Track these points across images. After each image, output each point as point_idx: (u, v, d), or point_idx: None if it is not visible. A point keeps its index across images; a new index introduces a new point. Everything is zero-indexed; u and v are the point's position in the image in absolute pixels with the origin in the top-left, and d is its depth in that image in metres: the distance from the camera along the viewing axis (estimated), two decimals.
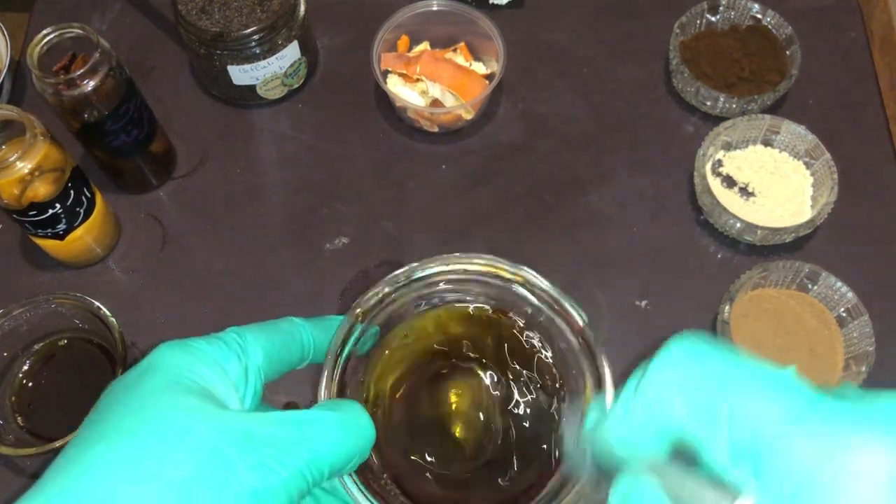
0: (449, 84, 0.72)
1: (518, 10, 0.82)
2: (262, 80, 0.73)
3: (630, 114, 0.76)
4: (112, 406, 0.31)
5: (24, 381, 0.61)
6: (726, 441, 0.23)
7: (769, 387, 0.24)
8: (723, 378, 0.24)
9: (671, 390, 0.25)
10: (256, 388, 0.35)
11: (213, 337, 0.35)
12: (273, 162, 0.75)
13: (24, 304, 0.60)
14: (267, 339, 0.36)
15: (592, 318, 0.68)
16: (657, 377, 0.26)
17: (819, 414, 0.22)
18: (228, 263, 0.70)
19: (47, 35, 0.59)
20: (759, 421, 0.23)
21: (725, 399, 0.24)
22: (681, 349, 0.26)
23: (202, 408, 0.30)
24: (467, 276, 0.42)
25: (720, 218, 0.67)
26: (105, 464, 0.28)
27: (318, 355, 0.39)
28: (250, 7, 0.69)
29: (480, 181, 0.73)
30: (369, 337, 0.41)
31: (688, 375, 0.25)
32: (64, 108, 0.61)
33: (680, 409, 0.25)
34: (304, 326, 0.39)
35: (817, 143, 0.69)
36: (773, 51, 0.74)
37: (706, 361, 0.25)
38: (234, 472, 0.29)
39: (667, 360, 0.26)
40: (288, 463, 0.30)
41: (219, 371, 0.33)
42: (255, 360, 0.35)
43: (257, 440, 0.30)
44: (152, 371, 0.32)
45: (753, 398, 0.23)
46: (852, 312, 0.62)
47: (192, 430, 0.29)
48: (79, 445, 0.29)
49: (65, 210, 0.62)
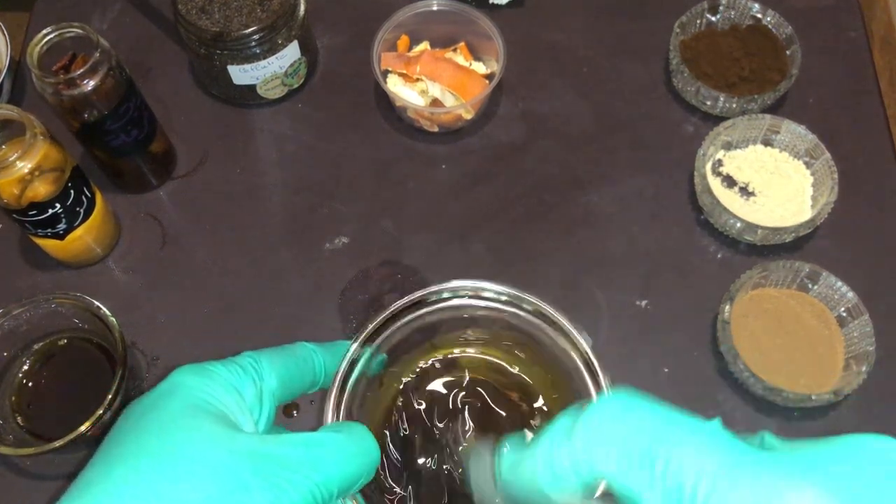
0: (449, 84, 0.72)
1: (518, 9, 0.82)
2: (262, 79, 0.73)
3: (630, 113, 0.76)
4: (131, 427, 0.32)
5: (23, 381, 0.61)
6: (660, 492, 0.24)
7: (701, 439, 0.25)
8: (656, 430, 0.25)
9: (605, 443, 0.26)
10: (270, 410, 0.36)
11: (230, 361, 0.36)
12: (273, 162, 0.75)
13: (23, 304, 0.60)
14: (281, 363, 0.38)
15: (593, 318, 0.68)
16: (592, 427, 0.27)
17: (750, 465, 0.24)
18: (228, 263, 0.70)
19: (47, 35, 0.59)
20: (695, 471, 0.24)
21: (660, 451, 0.25)
22: (614, 402, 0.27)
23: (219, 431, 0.31)
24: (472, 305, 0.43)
25: (720, 218, 0.67)
26: (124, 486, 0.29)
27: (329, 380, 0.41)
28: (250, 7, 0.69)
29: (480, 181, 0.73)
30: (377, 363, 0.42)
31: (622, 429, 0.26)
32: (64, 107, 0.61)
33: (613, 460, 0.26)
34: (315, 352, 0.40)
35: (817, 143, 0.69)
36: (774, 50, 0.74)
37: (638, 414, 0.26)
38: (250, 494, 0.30)
39: (601, 412, 0.27)
40: (299, 484, 0.31)
41: (235, 395, 0.34)
42: (270, 385, 0.36)
43: (271, 462, 0.31)
44: (171, 394, 0.33)
45: (687, 449, 0.24)
46: (852, 312, 0.62)
47: (209, 454, 0.30)
48: (99, 467, 0.30)
49: (65, 210, 0.62)
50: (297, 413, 0.63)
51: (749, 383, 0.61)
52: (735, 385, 0.63)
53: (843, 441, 0.24)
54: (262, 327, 0.67)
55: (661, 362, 0.65)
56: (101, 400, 0.56)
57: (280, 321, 0.67)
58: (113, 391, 0.56)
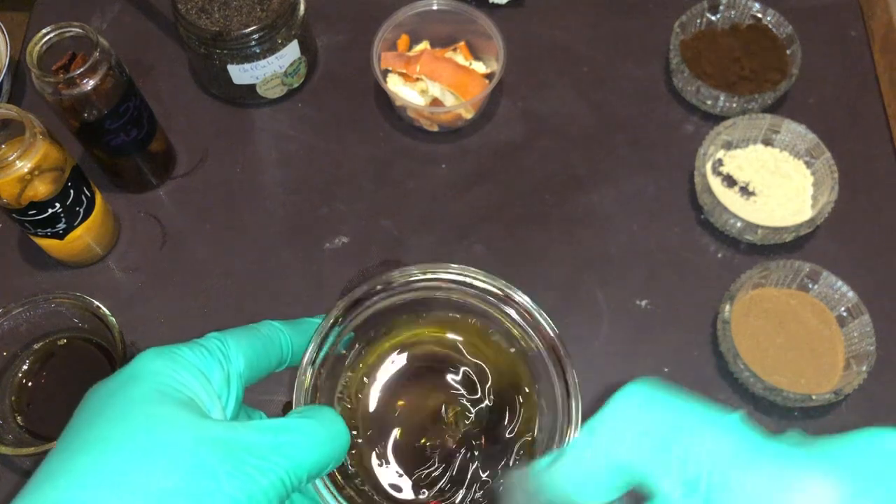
0: (449, 83, 0.72)
1: (518, 9, 0.82)
2: (261, 79, 0.73)
3: (630, 113, 0.76)
4: (95, 414, 0.31)
5: (23, 381, 0.61)
6: (679, 478, 0.25)
7: (720, 429, 0.25)
8: (676, 421, 0.26)
9: (627, 432, 0.27)
10: (238, 393, 0.35)
11: (196, 343, 0.35)
12: (273, 161, 0.75)
13: (23, 304, 0.60)
14: (248, 344, 0.37)
15: (593, 318, 0.68)
16: (613, 420, 0.27)
17: (768, 454, 0.24)
18: (228, 263, 0.70)
19: (47, 34, 0.59)
20: (711, 460, 0.24)
21: (679, 440, 0.25)
22: (635, 394, 0.27)
23: (185, 418, 0.31)
24: (442, 285, 0.43)
25: (720, 217, 0.67)
26: (89, 475, 0.28)
27: (296, 358, 0.40)
28: (250, 6, 0.69)
29: (480, 180, 0.73)
30: (345, 341, 0.42)
31: (643, 419, 0.27)
32: (63, 107, 0.61)
33: (635, 449, 0.26)
34: (282, 330, 0.39)
35: (818, 143, 0.69)
36: (774, 50, 0.74)
37: (660, 406, 0.27)
38: (218, 482, 0.29)
39: (622, 404, 0.27)
40: (268, 471, 0.31)
41: (202, 379, 0.33)
42: (237, 367, 0.36)
43: (239, 449, 0.30)
44: (135, 379, 0.32)
45: (705, 439, 0.25)
46: (853, 312, 0.62)
47: (175, 442, 0.30)
48: (62, 455, 0.30)
49: (64, 209, 0.62)
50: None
51: (749, 383, 0.61)
52: (735, 385, 0.63)
53: (859, 435, 0.24)
54: None
55: (661, 362, 0.65)
56: None
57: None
58: None
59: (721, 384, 0.64)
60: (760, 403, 0.62)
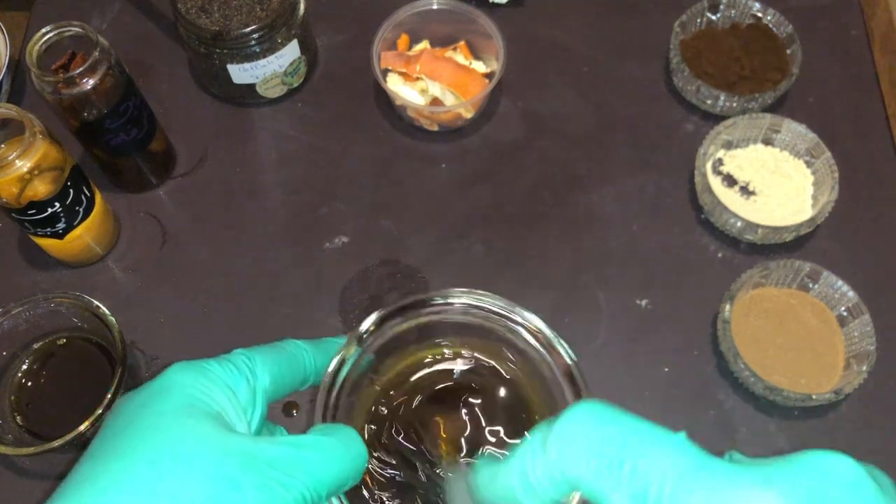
0: (449, 83, 0.72)
1: (518, 8, 0.82)
2: (261, 78, 0.73)
3: (630, 112, 0.76)
4: (126, 424, 0.32)
5: (23, 381, 0.61)
6: (628, 491, 0.26)
7: (667, 447, 0.26)
8: (626, 438, 0.27)
9: (579, 448, 0.27)
10: (263, 409, 0.37)
11: (224, 359, 0.36)
12: (273, 161, 0.75)
13: (23, 303, 0.60)
14: (273, 361, 0.38)
15: (593, 318, 0.68)
16: (566, 435, 0.28)
17: (713, 471, 0.25)
18: (228, 262, 0.70)
19: (46, 33, 0.59)
20: (660, 475, 0.25)
21: (628, 457, 0.26)
22: (586, 411, 0.28)
23: (213, 431, 0.32)
24: (461, 309, 0.43)
25: (721, 217, 0.67)
26: (120, 485, 0.29)
27: (319, 377, 0.41)
28: (250, 6, 0.69)
29: (480, 180, 0.73)
30: (365, 363, 0.42)
31: (593, 435, 0.27)
32: (63, 106, 0.60)
33: (586, 464, 0.27)
34: (306, 349, 0.41)
35: (818, 142, 0.68)
36: (774, 49, 0.74)
37: (609, 423, 0.28)
38: (242, 494, 0.30)
39: (574, 419, 0.28)
40: (290, 485, 0.32)
41: (229, 394, 0.35)
42: (263, 383, 0.37)
43: (263, 463, 0.32)
44: (165, 391, 0.33)
45: (654, 456, 0.26)
46: (853, 311, 0.62)
47: (203, 453, 0.31)
48: (93, 463, 0.31)
49: (64, 209, 0.62)
50: (296, 412, 0.63)
51: (749, 383, 0.61)
52: (735, 384, 0.63)
53: (801, 456, 0.26)
54: (263, 327, 0.67)
55: (661, 362, 0.65)
56: (101, 399, 0.56)
57: (280, 321, 0.67)
58: (112, 390, 0.56)
59: (721, 384, 0.64)
60: (760, 403, 0.62)
